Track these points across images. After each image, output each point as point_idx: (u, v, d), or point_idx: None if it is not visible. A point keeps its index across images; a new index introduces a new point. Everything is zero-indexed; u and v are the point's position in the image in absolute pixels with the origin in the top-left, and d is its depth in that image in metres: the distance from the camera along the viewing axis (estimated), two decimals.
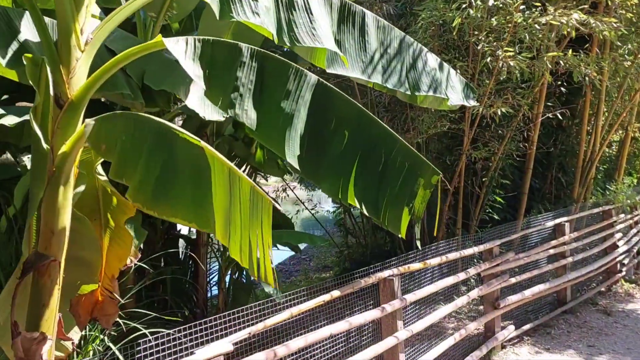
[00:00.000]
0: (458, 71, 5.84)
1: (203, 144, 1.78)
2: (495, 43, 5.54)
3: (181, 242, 6.31)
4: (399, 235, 2.68)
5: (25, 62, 2.55)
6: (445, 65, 3.81)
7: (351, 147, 2.50)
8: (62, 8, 2.33)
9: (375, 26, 3.40)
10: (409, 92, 3.53)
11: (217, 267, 6.27)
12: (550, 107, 7.39)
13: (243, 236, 1.71)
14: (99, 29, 2.49)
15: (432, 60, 3.68)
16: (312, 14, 2.99)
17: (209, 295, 6.30)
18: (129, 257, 4.37)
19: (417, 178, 2.59)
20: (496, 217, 7.36)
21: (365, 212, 2.52)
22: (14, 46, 2.78)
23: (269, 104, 2.41)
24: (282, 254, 14.58)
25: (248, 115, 2.37)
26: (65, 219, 2.44)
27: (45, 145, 2.46)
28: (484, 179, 7.20)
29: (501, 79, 5.65)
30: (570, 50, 5.86)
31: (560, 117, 7.11)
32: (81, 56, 2.43)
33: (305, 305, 3.22)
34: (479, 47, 5.54)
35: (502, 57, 5.25)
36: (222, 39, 2.50)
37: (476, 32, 5.63)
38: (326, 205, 14.92)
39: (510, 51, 5.30)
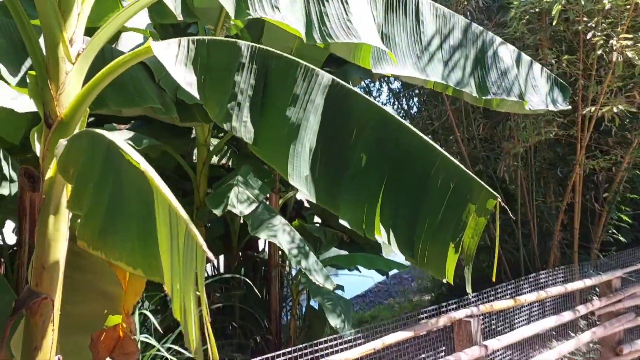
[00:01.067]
0: (564, 64, 4.93)
1: (143, 166, 1.37)
2: (610, 30, 4.56)
3: None
4: (445, 280, 2.04)
5: (28, 80, 2.36)
6: (526, 58, 3.07)
7: (376, 164, 1.92)
8: (45, 15, 2.09)
9: (432, 14, 2.80)
10: (475, 94, 2.87)
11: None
12: None
13: (181, 291, 1.26)
14: (94, 38, 2.22)
15: (506, 53, 2.97)
16: (347, 4, 2.49)
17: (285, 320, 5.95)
18: None
19: (466, 203, 1.93)
20: (622, 239, 6.14)
21: (395, 248, 1.93)
22: (28, 63, 2.63)
23: (271, 113, 1.95)
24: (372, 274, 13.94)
25: (247, 128, 1.92)
26: (58, 252, 2.18)
27: None
28: (605, 194, 6.04)
29: (617, 73, 4.62)
30: None
31: None
32: (72, 69, 2.17)
33: (350, 354, 2.68)
34: (588, 37, 4.59)
35: (617, 47, 4.26)
36: (220, 38, 2.10)
37: (585, 19, 4.68)
38: None
39: (629, 38, 4.29)
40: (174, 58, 2.00)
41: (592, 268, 5.74)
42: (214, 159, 5.24)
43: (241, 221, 5.67)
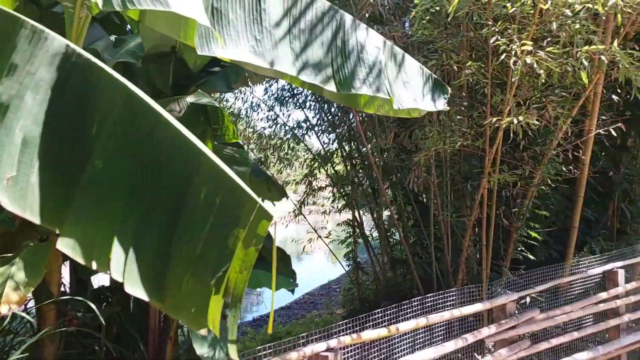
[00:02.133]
0: (470, 71, 4.61)
1: None
2: (515, 37, 4.27)
3: None
4: (203, 332, 1.52)
5: None
6: (399, 52, 2.67)
7: (122, 166, 1.42)
8: None
9: None
10: (334, 89, 2.42)
11: None
12: (609, 121, 5.88)
13: None
14: None
15: (374, 44, 2.55)
16: None
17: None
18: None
19: (235, 225, 1.43)
20: (531, 257, 5.91)
21: (132, 288, 1.39)
22: None
23: None
24: (314, 282, 13.45)
25: None
26: None
27: None
28: (514, 209, 5.81)
29: (514, 79, 4.35)
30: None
31: (619, 134, 5.65)
32: None
33: None
34: (491, 41, 4.29)
35: (517, 53, 3.97)
36: None
37: (489, 23, 4.39)
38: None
39: (528, 44, 4.01)
40: None
41: (501, 287, 5.48)
42: None
43: None
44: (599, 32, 4.79)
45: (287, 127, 8.70)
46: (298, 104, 8.59)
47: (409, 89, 2.66)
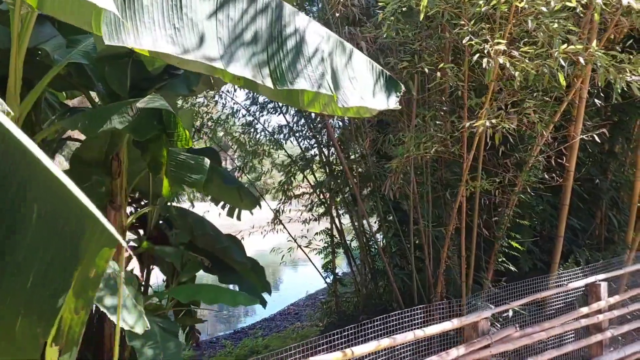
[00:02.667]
0: (447, 73, 4.36)
1: None
2: (488, 36, 4.03)
3: None
4: None
5: None
6: (348, 46, 2.41)
7: None
8: None
9: None
10: (269, 84, 2.16)
11: None
12: (594, 127, 5.64)
13: None
14: None
15: (315, 35, 2.29)
16: None
17: None
18: None
19: (71, 253, 1.12)
20: (513, 268, 5.64)
21: None
22: None
23: None
24: (308, 289, 13.08)
25: None
26: None
27: None
28: (494, 219, 5.55)
29: (488, 80, 4.11)
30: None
31: (607, 139, 5.42)
32: None
33: None
34: (464, 41, 4.04)
35: (490, 52, 3.72)
36: None
37: (462, 22, 4.14)
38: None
39: (501, 43, 3.76)
40: None
41: (481, 300, 5.21)
42: None
43: None
44: (580, 34, 4.55)
45: (266, 133, 8.45)
46: (278, 109, 8.33)
47: (356, 85, 2.40)
